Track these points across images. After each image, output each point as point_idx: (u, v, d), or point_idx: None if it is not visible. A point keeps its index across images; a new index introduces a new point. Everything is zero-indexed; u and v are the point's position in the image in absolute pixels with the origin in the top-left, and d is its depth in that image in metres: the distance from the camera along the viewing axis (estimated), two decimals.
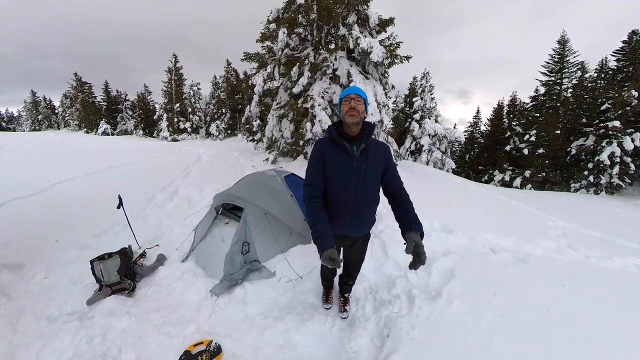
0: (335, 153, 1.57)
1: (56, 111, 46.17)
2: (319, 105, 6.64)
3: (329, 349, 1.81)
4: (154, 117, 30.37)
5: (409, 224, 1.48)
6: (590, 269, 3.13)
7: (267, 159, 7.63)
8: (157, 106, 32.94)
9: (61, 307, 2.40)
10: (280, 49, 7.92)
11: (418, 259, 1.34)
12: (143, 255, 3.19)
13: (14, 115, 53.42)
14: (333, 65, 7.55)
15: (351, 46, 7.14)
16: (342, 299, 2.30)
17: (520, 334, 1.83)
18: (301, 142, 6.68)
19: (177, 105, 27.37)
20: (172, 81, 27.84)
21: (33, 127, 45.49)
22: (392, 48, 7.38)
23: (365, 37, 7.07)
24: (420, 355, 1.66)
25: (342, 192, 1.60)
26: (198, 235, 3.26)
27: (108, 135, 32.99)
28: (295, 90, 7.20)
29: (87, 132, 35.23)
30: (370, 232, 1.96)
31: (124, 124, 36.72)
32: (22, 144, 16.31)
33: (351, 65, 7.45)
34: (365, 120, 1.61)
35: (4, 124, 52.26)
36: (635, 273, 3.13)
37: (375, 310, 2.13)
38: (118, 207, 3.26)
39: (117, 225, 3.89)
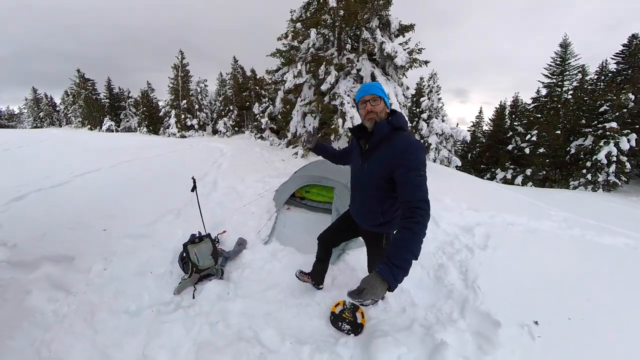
0: (356, 148, 1.74)
1: (57, 108, 45.97)
2: (347, 103, 7.15)
3: (426, 292, 2.39)
4: (159, 114, 30.51)
5: (380, 261, 1.20)
6: (586, 242, 4.01)
7: (296, 153, 8.11)
8: (160, 103, 33.08)
9: (136, 299, 2.22)
10: (306, 48, 8.39)
11: (358, 292, 1.13)
12: (217, 240, 3.24)
13: (15, 113, 53.11)
14: (356, 66, 8.06)
15: (376, 50, 7.64)
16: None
17: (540, 268, 2.78)
18: (332, 137, 7.17)
19: (184, 102, 27.54)
20: (179, 77, 27.96)
21: (35, 125, 45.27)
22: (412, 53, 7.91)
23: (389, 42, 7.58)
24: (492, 277, 2.51)
25: (352, 182, 1.80)
26: (276, 219, 3.52)
27: (112, 132, 33.05)
28: (324, 87, 7.68)
29: (91, 129, 35.23)
30: (383, 238, 1.78)
31: (127, 121, 36.73)
32: (28, 140, 16.16)
33: (374, 67, 7.96)
34: (392, 113, 1.57)
35: (4, 121, 51.91)
36: (622, 248, 3.92)
37: (450, 258, 2.90)
38: (192, 190, 3.18)
39: (169, 213, 3.79)
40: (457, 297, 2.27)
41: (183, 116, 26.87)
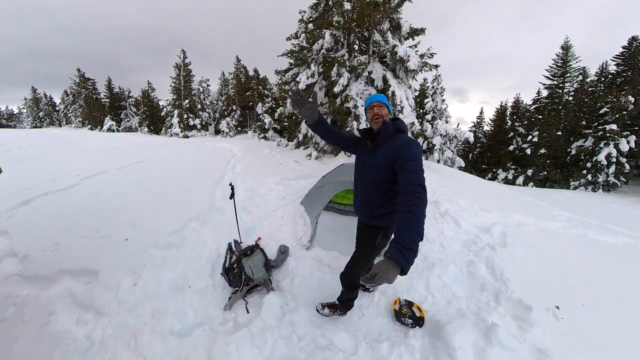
0: (362, 146, 1.95)
1: (57, 108, 45.80)
2: (361, 105, 7.33)
3: (463, 285, 2.62)
4: (161, 114, 30.50)
5: (390, 246, 1.24)
6: (589, 239, 4.41)
7: (309, 155, 8.26)
8: (161, 103, 33.07)
9: (181, 318, 2.04)
10: (318, 49, 8.54)
11: (370, 277, 1.15)
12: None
13: (14, 113, 52.97)
14: (367, 68, 8.24)
15: (387, 53, 7.83)
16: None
17: (553, 263, 3.17)
18: None
19: (186, 101, 27.56)
20: (181, 77, 27.96)
21: (34, 125, 45.11)
22: (423, 57, 8.10)
23: (400, 45, 7.78)
24: (516, 271, 2.81)
25: (355, 176, 1.97)
26: (316, 224, 3.47)
27: (113, 132, 32.96)
28: (336, 89, 7.85)
29: (92, 129, 35.12)
30: (379, 235, 1.85)
31: (128, 121, 36.67)
32: (29, 140, 15.67)
33: (385, 70, 8.15)
34: (395, 119, 1.79)
35: (4, 121, 51.74)
36: (623, 246, 4.27)
37: (476, 255, 3.17)
38: (230, 198, 3.11)
39: (193, 220, 3.49)
40: (490, 288, 2.53)
41: (185, 116, 26.90)
